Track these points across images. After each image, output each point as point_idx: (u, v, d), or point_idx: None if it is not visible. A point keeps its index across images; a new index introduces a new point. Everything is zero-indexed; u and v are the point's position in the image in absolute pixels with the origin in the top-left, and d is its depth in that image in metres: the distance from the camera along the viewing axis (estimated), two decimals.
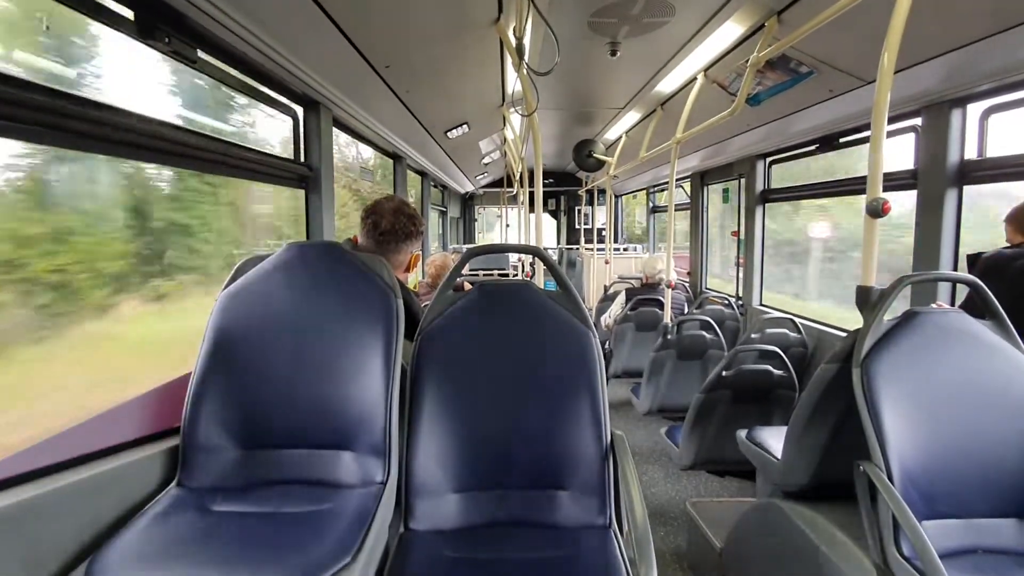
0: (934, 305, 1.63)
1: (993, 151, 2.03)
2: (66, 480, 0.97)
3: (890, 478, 1.05)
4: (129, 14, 1.22)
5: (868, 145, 1.25)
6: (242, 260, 1.33)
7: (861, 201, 1.34)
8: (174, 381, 1.32)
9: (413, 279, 3.56)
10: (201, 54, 1.47)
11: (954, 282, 2.05)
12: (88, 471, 1.02)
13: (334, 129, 2.33)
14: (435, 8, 1.87)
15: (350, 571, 0.91)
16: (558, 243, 8.91)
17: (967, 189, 2.10)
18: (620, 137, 4.48)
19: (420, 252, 1.68)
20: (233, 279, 1.30)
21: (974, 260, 1.93)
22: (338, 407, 1.21)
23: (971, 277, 1.24)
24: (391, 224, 1.52)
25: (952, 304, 2.14)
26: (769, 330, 2.85)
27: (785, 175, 3.61)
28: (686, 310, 3.63)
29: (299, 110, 2.08)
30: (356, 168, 3.74)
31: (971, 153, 2.08)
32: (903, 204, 2.44)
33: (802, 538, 1.27)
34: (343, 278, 1.29)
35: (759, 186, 3.66)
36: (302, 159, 2.09)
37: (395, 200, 1.58)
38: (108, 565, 0.88)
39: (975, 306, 1.26)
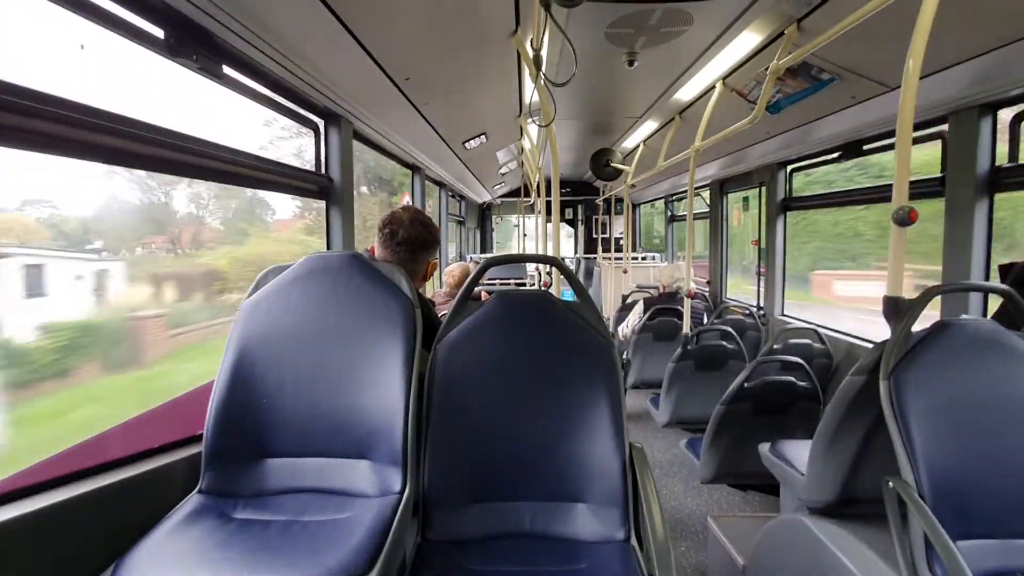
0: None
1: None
2: (94, 485, 1.00)
3: (921, 495, 1.01)
4: (159, 33, 1.27)
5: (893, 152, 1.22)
6: (264, 271, 1.35)
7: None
8: (198, 389, 1.34)
9: (429, 288, 3.58)
10: (226, 69, 1.51)
11: (986, 292, 1.98)
12: (114, 477, 1.04)
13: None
14: (454, 21, 1.90)
15: None
16: (575, 252, 8.88)
17: None
18: (638, 146, 4.46)
19: (436, 261, 1.70)
20: (255, 289, 1.32)
21: (1007, 270, 1.87)
22: (357, 417, 1.22)
23: (1004, 287, 1.20)
24: (408, 234, 1.54)
25: (984, 315, 2.07)
26: (792, 340, 2.79)
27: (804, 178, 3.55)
28: (705, 320, 3.58)
29: (320, 123, 2.12)
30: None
31: (1001, 159, 2.02)
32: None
33: (829, 556, 1.23)
34: (362, 288, 1.31)
35: (780, 194, 3.61)
36: (323, 171, 2.13)
37: (411, 210, 1.60)
38: (132, 570, 0.89)
39: (1008, 317, 1.21)
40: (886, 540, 1.11)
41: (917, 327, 1.15)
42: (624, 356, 3.55)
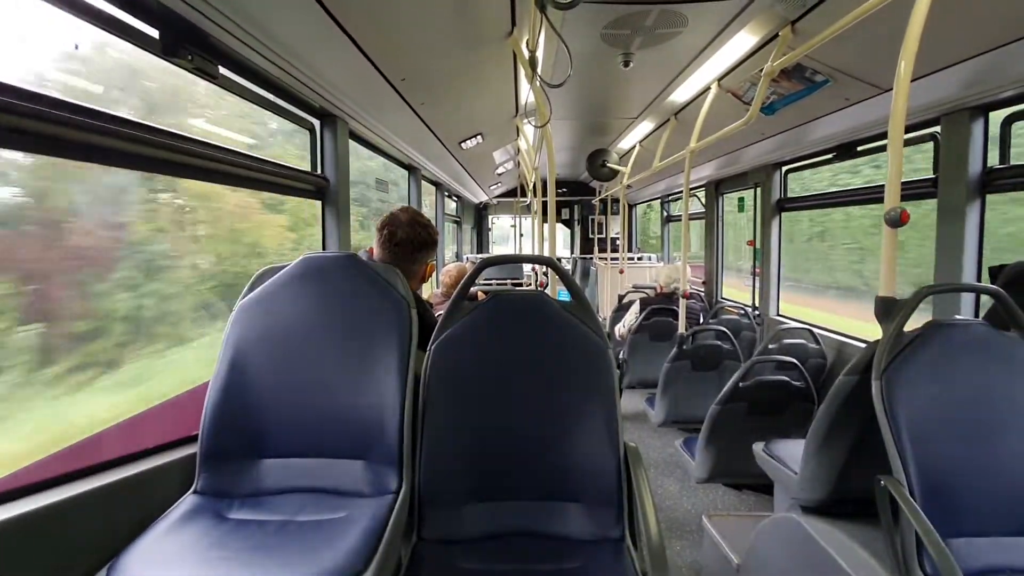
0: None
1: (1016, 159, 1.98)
2: (90, 486, 1.00)
3: (912, 494, 1.02)
4: (154, 33, 1.27)
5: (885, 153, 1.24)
6: (260, 271, 1.35)
7: None
8: (193, 390, 1.34)
9: (427, 289, 3.58)
10: (222, 70, 1.51)
11: (977, 292, 2.00)
12: (110, 477, 1.04)
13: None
14: (450, 22, 1.90)
15: None
16: (572, 252, 8.89)
17: None
18: (634, 147, 4.48)
19: (434, 262, 1.70)
20: (250, 290, 1.32)
21: (996, 272, 1.88)
22: (352, 417, 1.22)
23: (995, 288, 1.21)
24: (406, 234, 1.54)
25: (976, 316, 2.09)
26: (787, 340, 2.80)
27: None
28: (701, 320, 3.59)
29: (316, 123, 2.12)
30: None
31: (993, 160, 2.03)
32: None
33: (821, 554, 1.24)
34: (358, 289, 1.31)
35: (775, 195, 3.62)
36: (319, 171, 2.13)
37: (409, 211, 1.60)
38: (127, 570, 0.89)
39: (999, 318, 1.23)
40: (878, 538, 1.12)
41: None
42: (620, 356, 3.56)
